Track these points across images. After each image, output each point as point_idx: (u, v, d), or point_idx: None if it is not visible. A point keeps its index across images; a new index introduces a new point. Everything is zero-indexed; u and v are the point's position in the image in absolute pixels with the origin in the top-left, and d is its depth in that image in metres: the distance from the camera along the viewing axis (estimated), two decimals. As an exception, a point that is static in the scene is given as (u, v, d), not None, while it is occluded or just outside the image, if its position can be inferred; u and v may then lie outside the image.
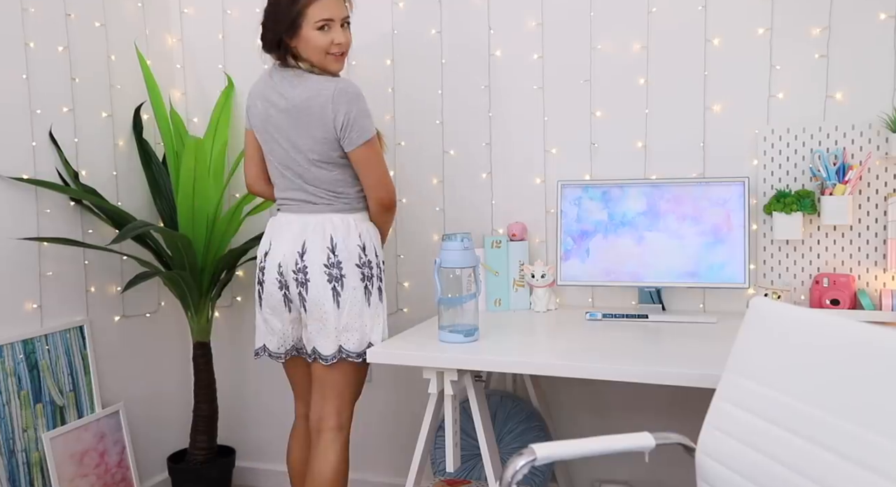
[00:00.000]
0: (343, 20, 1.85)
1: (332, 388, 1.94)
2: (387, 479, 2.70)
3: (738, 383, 1.35)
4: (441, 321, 1.89)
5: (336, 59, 1.86)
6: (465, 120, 2.49)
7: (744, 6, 2.17)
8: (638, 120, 2.30)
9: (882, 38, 2.04)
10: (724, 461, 1.34)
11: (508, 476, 1.31)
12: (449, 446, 1.86)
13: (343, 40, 1.84)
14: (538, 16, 2.38)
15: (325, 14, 1.80)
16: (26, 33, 2.25)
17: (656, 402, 2.34)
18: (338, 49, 1.84)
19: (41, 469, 2.22)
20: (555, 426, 2.46)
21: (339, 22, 1.83)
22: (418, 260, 2.58)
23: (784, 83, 2.15)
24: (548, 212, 2.41)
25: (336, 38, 1.82)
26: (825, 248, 2.12)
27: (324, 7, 1.80)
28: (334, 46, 1.83)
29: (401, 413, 2.66)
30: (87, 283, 2.45)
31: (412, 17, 2.52)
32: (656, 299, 2.21)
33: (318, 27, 1.81)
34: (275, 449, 2.85)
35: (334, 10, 1.82)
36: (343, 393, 1.96)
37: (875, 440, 1.09)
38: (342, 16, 1.84)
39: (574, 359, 1.67)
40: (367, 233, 1.93)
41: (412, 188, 2.56)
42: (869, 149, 2.05)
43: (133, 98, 2.65)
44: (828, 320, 1.23)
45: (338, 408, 1.96)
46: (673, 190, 2.13)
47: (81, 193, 2.28)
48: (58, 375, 2.30)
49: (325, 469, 1.94)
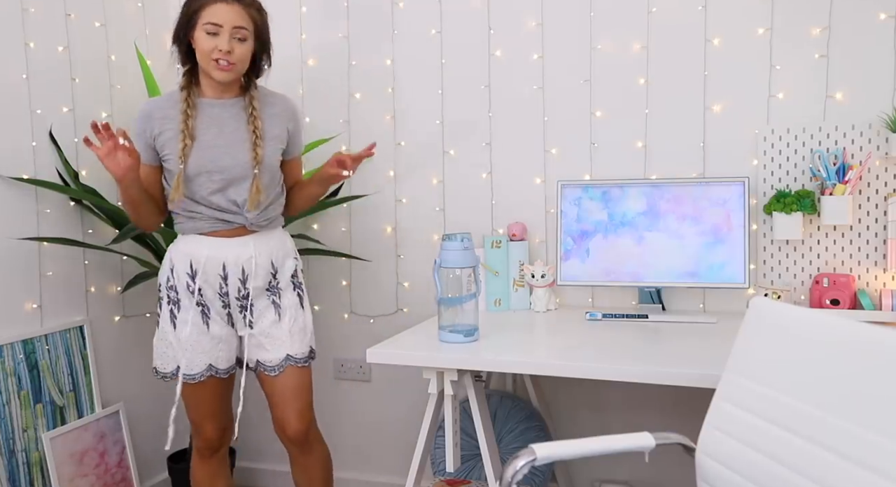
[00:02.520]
0: (235, 30, 1.76)
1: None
2: (387, 479, 2.70)
3: (738, 383, 1.35)
4: (441, 321, 1.89)
5: (218, 66, 1.76)
6: (465, 120, 2.49)
7: (744, 6, 2.17)
8: (638, 120, 2.30)
9: (882, 38, 2.04)
10: (724, 461, 1.34)
11: (508, 476, 1.31)
12: (449, 446, 1.86)
13: (226, 47, 1.74)
14: (538, 16, 2.38)
15: (212, 18, 1.74)
16: (26, 33, 2.25)
17: (656, 402, 2.34)
18: (219, 55, 1.75)
19: (41, 469, 2.22)
20: (555, 426, 2.46)
21: (228, 30, 1.75)
22: (418, 260, 2.58)
23: (784, 83, 2.15)
24: (548, 212, 2.42)
25: (220, 44, 1.75)
26: (825, 248, 2.12)
27: (212, 12, 1.75)
28: (216, 52, 1.75)
29: (401, 413, 2.66)
30: (87, 283, 2.45)
31: (412, 17, 2.52)
32: (656, 299, 2.21)
33: (206, 31, 1.75)
34: (275, 450, 2.85)
35: (223, 16, 1.74)
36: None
37: (875, 439, 1.09)
38: (234, 24, 1.75)
39: (574, 359, 1.67)
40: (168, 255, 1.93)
41: (412, 188, 2.56)
42: (869, 149, 2.05)
43: (133, 98, 2.65)
44: (828, 320, 1.23)
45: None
46: (673, 190, 2.13)
47: (81, 193, 2.28)
48: (58, 375, 2.30)
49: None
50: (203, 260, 1.85)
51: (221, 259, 1.85)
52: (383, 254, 2.62)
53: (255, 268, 1.88)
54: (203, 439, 1.99)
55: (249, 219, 1.86)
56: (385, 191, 2.60)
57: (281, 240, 1.94)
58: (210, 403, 1.95)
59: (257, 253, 1.88)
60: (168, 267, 1.90)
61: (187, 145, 1.79)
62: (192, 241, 1.87)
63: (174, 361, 1.90)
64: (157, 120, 1.84)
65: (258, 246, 1.88)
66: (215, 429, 1.99)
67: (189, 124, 1.80)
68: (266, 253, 1.90)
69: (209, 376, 1.91)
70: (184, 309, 1.88)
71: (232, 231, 1.87)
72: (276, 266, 1.92)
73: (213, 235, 1.86)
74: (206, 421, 1.97)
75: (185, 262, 1.87)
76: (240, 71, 1.82)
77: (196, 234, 1.87)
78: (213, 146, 1.82)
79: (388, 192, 2.60)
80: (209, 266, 1.85)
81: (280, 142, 1.90)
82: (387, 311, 2.64)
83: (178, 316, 1.88)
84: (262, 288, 1.90)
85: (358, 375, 2.69)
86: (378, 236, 2.61)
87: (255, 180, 1.82)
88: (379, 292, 2.64)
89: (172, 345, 1.90)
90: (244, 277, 1.87)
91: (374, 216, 2.62)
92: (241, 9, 1.78)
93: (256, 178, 1.82)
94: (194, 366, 1.89)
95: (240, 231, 1.87)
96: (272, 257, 1.91)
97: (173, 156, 1.81)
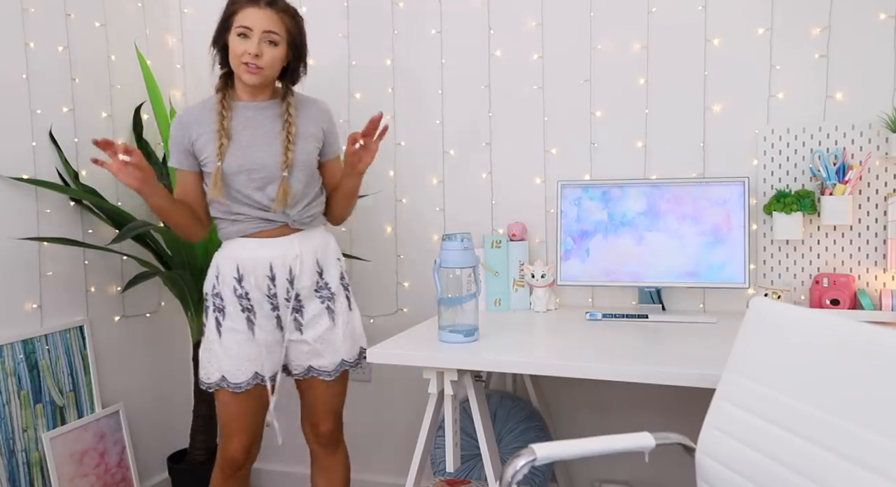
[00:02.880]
0: (266, 34, 1.78)
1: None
2: (387, 479, 2.70)
3: (738, 383, 1.35)
4: (441, 321, 1.89)
5: (248, 69, 1.78)
6: (465, 120, 2.49)
7: (744, 6, 2.17)
8: (638, 120, 2.30)
9: (882, 38, 2.04)
10: (724, 461, 1.34)
11: (508, 476, 1.31)
12: (449, 446, 1.86)
13: (255, 50, 1.76)
14: (538, 16, 2.38)
15: (244, 22, 1.77)
16: (26, 33, 2.25)
17: (656, 402, 2.34)
18: (248, 58, 1.78)
19: (41, 469, 2.22)
20: (555, 426, 2.46)
21: (258, 33, 1.77)
22: (418, 260, 2.58)
23: (784, 83, 2.15)
24: (548, 212, 2.42)
25: (249, 48, 1.77)
26: (825, 248, 2.12)
27: (244, 16, 1.78)
28: (245, 55, 1.78)
29: (401, 414, 2.67)
30: (87, 283, 2.45)
31: (412, 18, 2.52)
32: (656, 299, 2.21)
33: (238, 33, 1.78)
34: (274, 450, 2.85)
35: (254, 20, 1.77)
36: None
37: (875, 439, 1.09)
38: (264, 28, 1.77)
39: (574, 359, 1.67)
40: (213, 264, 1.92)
41: (412, 188, 2.56)
42: (869, 149, 2.05)
43: (133, 98, 2.65)
44: (828, 320, 1.23)
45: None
46: (673, 190, 2.13)
47: (81, 193, 2.28)
48: (58, 375, 2.31)
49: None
50: (249, 262, 1.85)
51: (268, 259, 1.85)
52: (383, 254, 2.62)
53: (302, 266, 1.87)
54: (227, 455, 1.92)
55: (291, 216, 1.86)
56: (385, 191, 2.60)
57: (325, 240, 1.94)
58: (246, 415, 1.90)
59: (302, 250, 1.88)
60: (213, 274, 1.89)
61: (223, 144, 1.81)
62: (237, 245, 1.87)
63: (219, 370, 1.87)
64: (193, 126, 1.85)
65: (303, 244, 1.88)
66: (242, 446, 1.91)
67: (224, 125, 1.82)
68: (311, 251, 1.89)
69: (256, 384, 1.89)
70: (229, 316, 1.86)
71: (275, 230, 1.87)
72: (321, 264, 1.92)
73: (257, 236, 1.86)
74: (235, 436, 1.90)
75: (232, 266, 1.86)
76: (268, 75, 1.83)
77: (240, 237, 1.87)
78: (250, 145, 1.83)
79: (388, 192, 2.60)
80: (256, 267, 1.85)
81: (316, 141, 1.91)
82: (387, 311, 2.64)
83: (224, 323, 1.87)
84: (310, 289, 1.90)
85: (358, 375, 2.69)
86: (378, 236, 2.61)
87: (283, 182, 1.83)
88: (379, 292, 2.64)
89: (217, 354, 1.87)
90: (291, 277, 1.87)
91: (374, 216, 2.62)
92: (274, 13, 1.80)
93: (285, 180, 1.83)
94: (240, 374, 1.86)
95: (283, 230, 1.87)
96: (317, 256, 1.91)
97: (211, 157, 1.82)
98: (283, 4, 1.82)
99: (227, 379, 1.85)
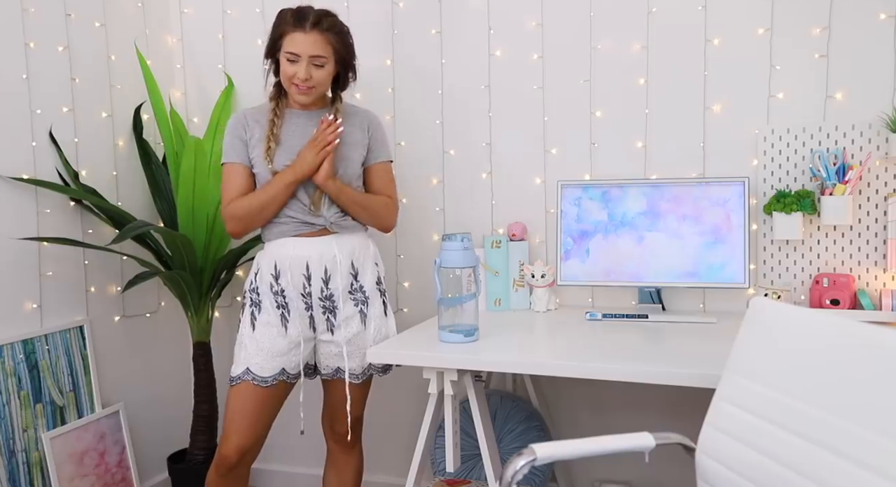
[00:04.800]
0: (313, 58, 1.83)
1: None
2: (387, 479, 2.70)
3: (738, 383, 1.35)
4: (441, 321, 1.89)
5: (298, 90, 1.87)
6: (465, 120, 2.49)
7: (744, 6, 2.17)
8: (638, 120, 2.30)
9: (882, 38, 2.04)
10: (724, 461, 1.34)
11: (508, 476, 1.31)
12: (449, 446, 1.86)
13: (304, 75, 1.83)
14: (538, 16, 2.38)
15: (291, 48, 1.83)
16: (26, 33, 2.25)
17: (656, 402, 2.34)
18: (298, 82, 1.85)
19: (41, 469, 2.22)
20: (555, 426, 2.46)
21: (306, 58, 1.83)
22: (418, 260, 2.58)
23: (784, 83, 2.15)
24: (548, 212, 2.42)
25: (299, 73, 1.83)
26: (825, 248, 2.12)
27: (291, 41, 1.83)
28: (296, 78, 1.85)
29: (401, 414, 2.67)
30: (87, 283, 2.45)
31: (412, 17, 2.52)
32: (656, 299, 2.21)
33: (286, 58, 1.84)
34: (274, 450, 2.85)
35: (301, 47, 1.82)
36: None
37: (875, 439, 1.09)
38: (310, 53, 1.82)
39: (574, 359, 1.67)
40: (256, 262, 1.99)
41: (412, 188, 2.56)
42: (869, 149, 2.05)
43: (133, 98, 2.65)
44: (828, 320, 1.23)
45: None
46: (673, 190, 2.13)
47: (81, 193, 2.28)
48: (58, 375, 2.31)
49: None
50: (287, 260, 1.91)
51: (305, 258, 1.91)
52: (383, 254, 2.62)
53: (338, 266, 1.92)
54: (221, 453, 1.91)
55: (328, 218, 1.92)
56: (385, 191, 2.60)
57: (363, 243, 1.99)
58: (253, 413, 1.90)
59: (339, 251, 1.93)
60: (253, 272, 1.97)
61: (271, 148, 1.90)
62: (277, 245, 1.94)
63: (245, 362, 1.90)
64: (249, 123, 1.94)
65: (340, 245, 1.93)
66: (237, 445, 1.89)
67: (274, 131, 1.91)
68: (347, 253, 1.94)
69: (281, 381, 1.92)
70: (265, 310, 1.92)
71: (315, 232, 1.93)
72: (356, 267, 1.96)
73: (297, 236, 1.92)
74: (233, 434, 1.89)
75: (270, 264, 1.93)
76: (319, 92, 1.91)
77: (281, 238, 1.93)
78: (298, 150, 1.90)
79: (388, 192, 2.60)
80: (293, 265, 1.91)
81: (361, 147, 1.97)
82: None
83: (259, 317, 1.93)
84: (344, 291, 1.94)
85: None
86: (378, 236, 2.61)
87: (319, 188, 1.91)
88: (379, 292, 2.63)
89: (247, 347, 1.91)
90: (326, 277, 1.92)
91: (374, 216, 2.62)
92: (319, 36, 1.83)
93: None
94: (267, 369, 1.90)
95: (323, 232, 1.93)
96: (353, 258, 1.95)
97: (260, 158, 1.90)
98: (328, 23, 1.85)
99: (252, 372, 1.89)
